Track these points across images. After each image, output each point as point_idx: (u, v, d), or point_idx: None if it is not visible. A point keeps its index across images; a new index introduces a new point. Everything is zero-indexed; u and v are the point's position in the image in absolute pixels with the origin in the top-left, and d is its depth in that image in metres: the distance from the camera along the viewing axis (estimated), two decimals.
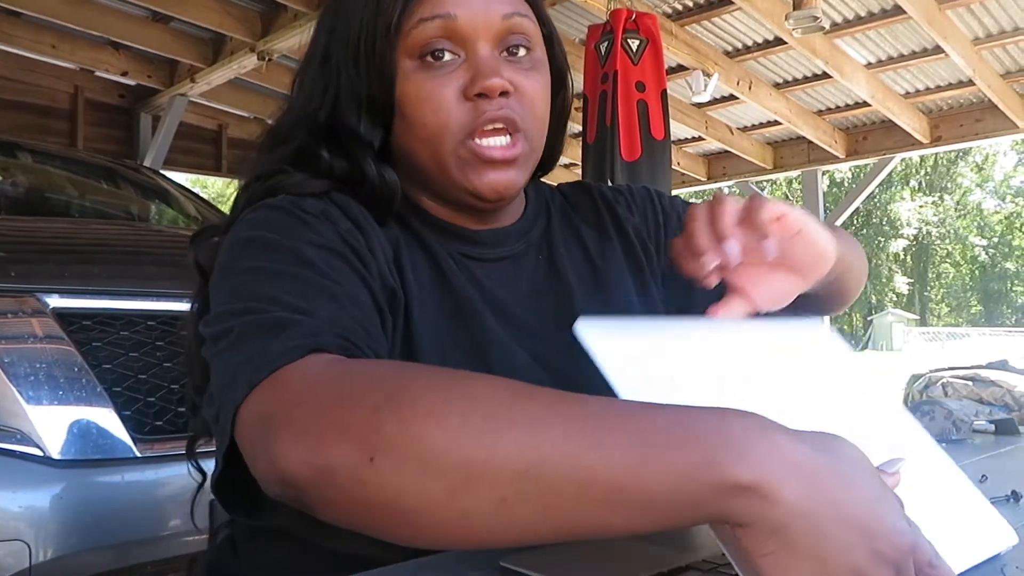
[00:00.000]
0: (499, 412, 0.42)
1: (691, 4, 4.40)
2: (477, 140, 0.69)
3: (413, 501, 0.42)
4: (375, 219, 0.71)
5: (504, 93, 0.69)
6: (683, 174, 6.91)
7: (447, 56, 0.69)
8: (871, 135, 6.11)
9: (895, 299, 39.88)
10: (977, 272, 38.57)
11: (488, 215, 0.77)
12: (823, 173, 6.95)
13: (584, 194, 0.89)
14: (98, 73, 5.25)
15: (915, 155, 13.85)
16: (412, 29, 0.69)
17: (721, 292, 0.68)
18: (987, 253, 37.25)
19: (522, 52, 0.72)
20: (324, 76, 0.73)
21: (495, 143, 0.69)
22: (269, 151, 0.75)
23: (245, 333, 0.54)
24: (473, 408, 0.42)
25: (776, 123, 5.94)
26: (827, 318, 0.86)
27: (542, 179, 0.88)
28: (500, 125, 0.69)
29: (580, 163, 3.38)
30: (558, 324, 0.76)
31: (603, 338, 0.53)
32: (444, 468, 0.41)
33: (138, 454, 1.43)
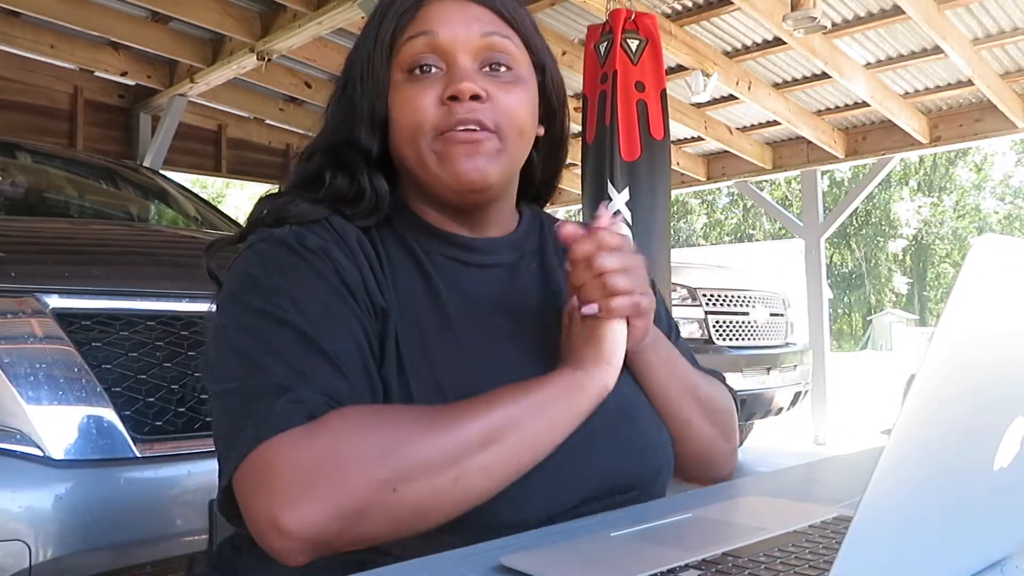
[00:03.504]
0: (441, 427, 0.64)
1: (690, 4, 4.41)
2: (448, 134, 0.75)
3: (432, 501, 0.62)
4: (370, 226, 0.78)
5: (476, 97, 0.75)
6: (682, 174, 6.91)
7: (432, 69, 0.77)
8: (870, 135, 6.11)
9: (894, 299, 39.88)
10: None
11: (480, 222, 0.82)
12: (822, 173, 6.95)
13: None
14: (97, 73, 5.25)
15: (914, 155, 13.87)
16: (403, 46, 0.78)
17: None
18: None
19: (503, 69, 0.78)
20: (343, 102, 0.81)
21: (463, 131, 0.75)
22: (302, 164, 0.83)
23: (252, 393, 0.63)
24: (434, 433, 0.63)
25: (775, 123, 5.95)
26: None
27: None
28: (471, 126, 0.75)
29: (580, 163, 3.38)
30: (547, 326, 0.81)
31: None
32: (440, 467, 0.62)
33: (138, 454, 1.43)
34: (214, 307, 0.73)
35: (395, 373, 0.71)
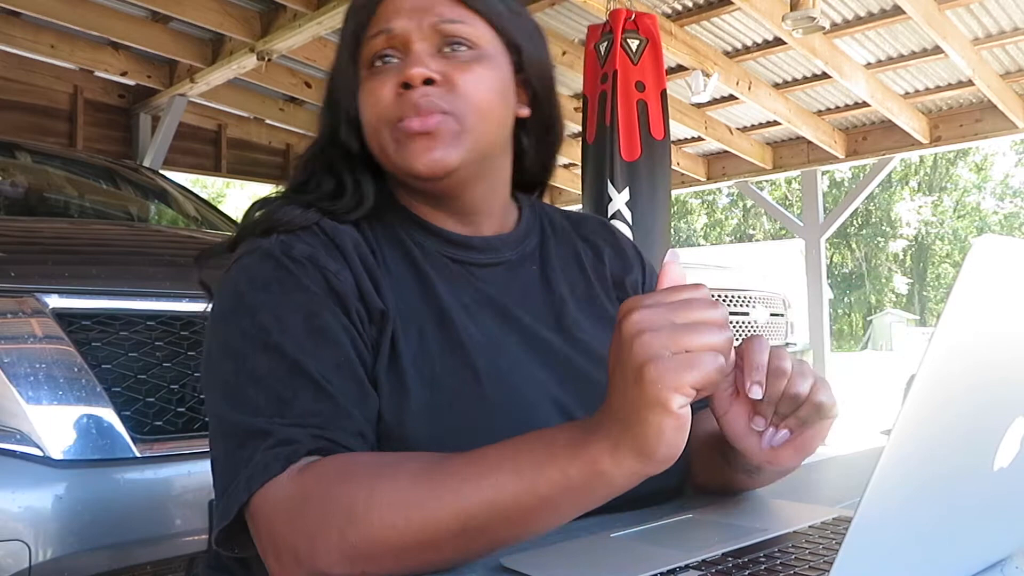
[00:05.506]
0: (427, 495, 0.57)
1: (690, 4, 4.40)
2: (403, 122, 0.75)
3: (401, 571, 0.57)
4: (365, 226, 0.79)
5: (429, 82, 0.74)
6: (683, 174, 6.90)
7: (392, 60, 0.77)
8: (871, 135, 6.11)
9: (894, 299, 39.88)
10: None
11: (467, 212, 0.82)
12: (823, 173, 6.95)
13: (602, 228, 0.96)
14: (97, 73, 5.24)
15: (915, 155, 13.87)
16: (364, 44, 0.79)
17: None
18: None
19: (463, 49, 0.77)
20: (331, 104, 0.83)
21: (415, 120, 0.74)
22: (300, 170, 0.84)
23: (236, 436, 0.64)
24: (406, 500, 0.57)
25: (775, 123, 5.94)
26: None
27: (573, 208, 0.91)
28: (424, 112, 0.74)
29: (580, 163, 3.38)
30: (551, 327, 0.81)
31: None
32: (406, 552, 0.57)
33: (137, 454, 1.43)
34: (207, 322, 0.73)
35: (390, 372, 0.71)
